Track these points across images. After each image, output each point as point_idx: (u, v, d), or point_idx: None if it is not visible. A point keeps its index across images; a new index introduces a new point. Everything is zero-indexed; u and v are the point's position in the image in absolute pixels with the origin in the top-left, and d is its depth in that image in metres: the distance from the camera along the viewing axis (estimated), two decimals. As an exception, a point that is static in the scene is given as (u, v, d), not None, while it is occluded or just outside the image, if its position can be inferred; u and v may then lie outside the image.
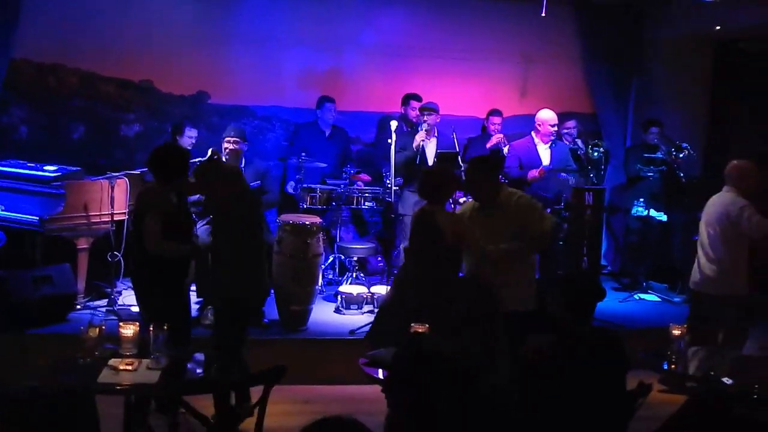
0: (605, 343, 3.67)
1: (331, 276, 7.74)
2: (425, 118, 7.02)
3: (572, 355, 3.54)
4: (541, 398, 3.47)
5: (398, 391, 2.97)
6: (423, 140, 6.89)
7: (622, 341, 3.70)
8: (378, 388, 4.01)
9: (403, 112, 8.09)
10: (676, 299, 7.73)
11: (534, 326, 4.39)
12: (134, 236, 4.94)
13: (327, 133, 8.12)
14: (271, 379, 3.92)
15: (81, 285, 6.52)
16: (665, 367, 4.42)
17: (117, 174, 6.67)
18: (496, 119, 8.18)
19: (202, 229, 6.21)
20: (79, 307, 6.41)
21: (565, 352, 3.57)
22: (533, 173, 7.36)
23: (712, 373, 4.27)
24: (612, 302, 7.46)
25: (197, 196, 5.84)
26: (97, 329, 4.13)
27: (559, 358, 3.55)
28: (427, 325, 4.26)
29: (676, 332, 4.45)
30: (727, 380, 4.09)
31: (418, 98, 7.96)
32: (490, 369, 3.67)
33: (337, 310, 6.90)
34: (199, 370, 4.14)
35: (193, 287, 6.13)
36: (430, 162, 7.10)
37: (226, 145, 6.62)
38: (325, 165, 7.75)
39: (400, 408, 2.97)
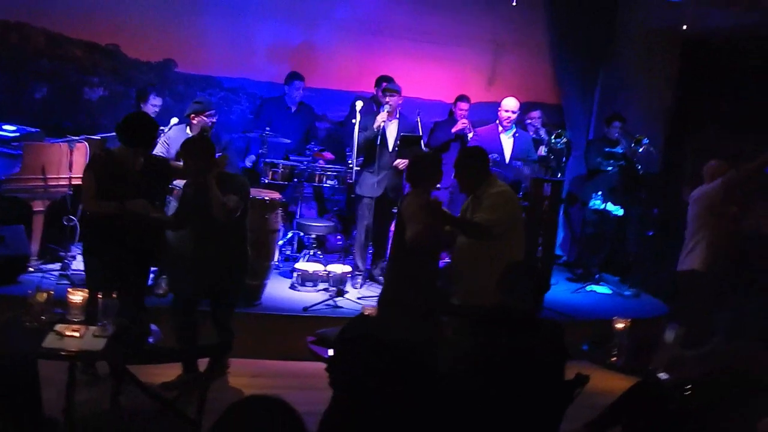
0: (546, 332, 3.75)
1: (288, 252, 7.74)
2: (387, 100, 7.03)
3: (514, 344, 3.60)
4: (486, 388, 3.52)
5: (338, 369, 3.00)
6: (384, 121, 6.91)
7: (563, 331, 3.77)
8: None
9: (375, 93, 8.06)
10: (627, 293, 7.87)
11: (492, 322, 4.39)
12: None
13: (293, 110, 8.09)
14: (217, 353, 3.95)
15: (35, 247, 6.47)
16: (605, 359, 4.52)
17: (77, 138, 6.58)
18: (464, 105, 8.20)
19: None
20: (31, 269, 6.36)
21: (509, 342, 3.63)
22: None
23: (650, 367, 4.38)
24: (564, 293, 7.59)
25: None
26: (45, 293, 4.12)
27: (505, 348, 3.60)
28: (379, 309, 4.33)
29: (619, 325, 4.57)
30: (663, 375, 4.19)
31: (390, 81, 7.94)
32: (437, 359, 3.70)
33: (293, 287, 6.90)
34: (150, 340, 4.17)
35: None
36: (391, 143, 7.12)
37: (205, 119, 6.51)
38: (289, 141, 7.74)
39: (340, 387, 3.00)
